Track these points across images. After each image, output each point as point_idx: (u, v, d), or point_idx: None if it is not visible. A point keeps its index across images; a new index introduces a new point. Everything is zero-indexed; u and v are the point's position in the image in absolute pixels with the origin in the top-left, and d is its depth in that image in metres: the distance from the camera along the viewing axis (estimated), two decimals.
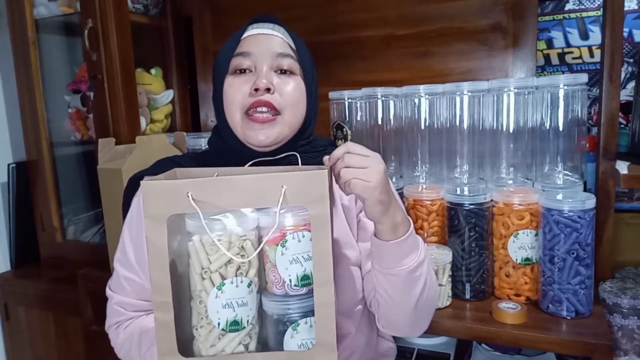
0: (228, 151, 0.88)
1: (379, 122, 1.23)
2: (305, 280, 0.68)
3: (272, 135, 0.82)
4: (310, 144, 0.90)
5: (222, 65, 0.85)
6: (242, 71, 0.83)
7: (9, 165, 1.66)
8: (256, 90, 0.80)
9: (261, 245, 0.66)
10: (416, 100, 1.19)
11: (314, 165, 0.87)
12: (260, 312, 0.70)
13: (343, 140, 1.30)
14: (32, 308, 1.61)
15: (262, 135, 0.82)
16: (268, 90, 0.81)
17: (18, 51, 1.56)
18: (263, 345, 0.70)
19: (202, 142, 1.37)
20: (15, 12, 1.55)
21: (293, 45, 0.86)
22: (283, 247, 0.67)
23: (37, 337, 1.63)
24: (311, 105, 0.88)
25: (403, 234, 0.75)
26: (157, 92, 1.66)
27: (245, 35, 0.85)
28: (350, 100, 1.29)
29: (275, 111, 0.82)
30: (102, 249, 1.36)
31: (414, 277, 0.77)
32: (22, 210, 1.67)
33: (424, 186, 1.14)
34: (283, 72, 0.83)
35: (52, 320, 1.59)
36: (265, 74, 0.81)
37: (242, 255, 0.65)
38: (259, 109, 0.81)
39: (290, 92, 0.83)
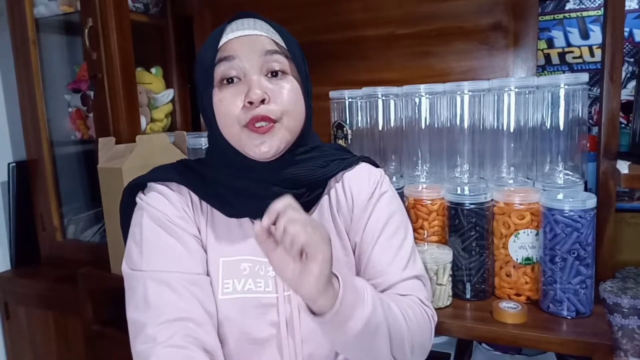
0: (229, 164, 0.82)
1: (380, 122, 1.23)
2: None
3: (274, 146, 0.77)
4: (317, 149, 0.85)
5: (205, 76, 0.77)
6: (230, 81, 0.76)
7: (9, 164, 1.65)
8: (250, 103, 0.74)
9: None
10: (416, 100, 1.18)
11: (321, 177, 0.83)
12: None
13: (343, 140, 1.30)
14: (32, 308, 1.61)
15: (264, 147, 0.76)
16: (262, 101, 0.74)
17: (18, 51, 1.56)
18: None
19: (202, 141, 1.37)
20: (16, 12, 1.54)
21: (281, 42, 0.79)
22: None
23: (37, 336, 1.63)
24: (309, 103, 0.83)
25: (338, 296, 0.64)
26: (157, 91, 1.66)
27: (224, 40, 0.77)
28: (350, 99, 1.28)
29: (273, 121, 0.77)
30: (102, 248, 1.36)
31: (370, 328, 0.69)
32: (22, 210, 1.67)
33: (425, 186, 1.14)
34: (274, 74, 0.77)
35: (52, 320, 1.58)
36: (257, 83, 0.75)
37: None
38: (257, 123, 0.76)
39: (286, 97, 0.77)
